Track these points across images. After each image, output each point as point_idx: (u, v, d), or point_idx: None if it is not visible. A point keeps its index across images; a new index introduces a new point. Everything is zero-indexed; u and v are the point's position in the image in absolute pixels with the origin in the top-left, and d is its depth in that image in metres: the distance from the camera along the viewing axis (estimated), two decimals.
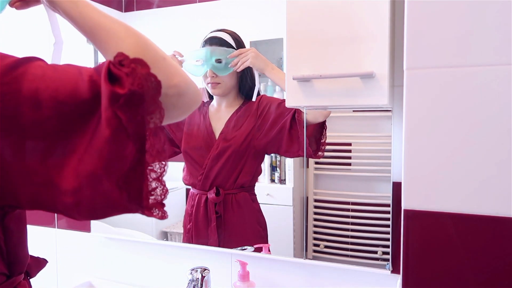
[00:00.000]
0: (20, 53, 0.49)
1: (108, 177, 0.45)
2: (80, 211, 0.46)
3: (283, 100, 1.12)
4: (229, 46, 1.16)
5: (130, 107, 0.45)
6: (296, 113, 1.08)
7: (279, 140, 1.12)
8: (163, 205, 0.48)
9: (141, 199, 0.46)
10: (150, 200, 0.47)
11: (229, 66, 1.14)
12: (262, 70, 1.13)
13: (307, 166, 1.10)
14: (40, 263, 0.64)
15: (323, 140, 1.07)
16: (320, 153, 1.08)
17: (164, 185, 0.48)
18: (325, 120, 1.05)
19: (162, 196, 0.48)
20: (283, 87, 1.08)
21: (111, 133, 0.44)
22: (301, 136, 1.06)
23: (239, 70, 1.15)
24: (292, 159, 1.15)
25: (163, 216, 0.48)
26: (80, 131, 0.46)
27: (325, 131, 1.06)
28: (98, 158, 0.45)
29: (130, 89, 0.45)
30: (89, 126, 0.46)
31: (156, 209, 0.48)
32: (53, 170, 0.46)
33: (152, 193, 0.47)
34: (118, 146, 0.45)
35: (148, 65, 0.48)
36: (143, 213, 0.47)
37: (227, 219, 1.18)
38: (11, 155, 0.45)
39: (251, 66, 1.13)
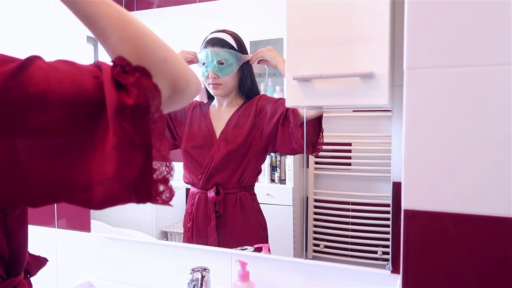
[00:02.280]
0: (17, 49, 0.47)
1: (118, 181, 0.46)
2: (92, 204, 0.48)
3: (280, 98, 1.13)
4: (231, 47, 1.16)
5: (135, 118, 0.46)
6: (288, 109, 1.09)
7: (273, 135, 1.13)
8: (169, 203, 0.51)
9: (150, 200, 0.49)
10: (158, 200, 0.49)
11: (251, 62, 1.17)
12: (275, 62, 1.13)
13: (307, 166, 1.10)
14: (40, 262, 0.63)
15: (321, 139, 1.07)
16: (317, 150, 1.08)
17: (171, 189, 0.50)
18: (321, 116, 1.06)
19: (169, 198, 0.50)
20: None
21: (118, 141, 0.46)
22: (293, 130, 1.08)
23: (254, 63, 1.17)
24: (292, 158, 1.15)
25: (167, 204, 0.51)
26: (89, 129, 0.47)
27: (321, 127, 1.07)
28: (108, 162, 0.46)
29: (136, 102, 0.46)
30: (99, 125, 0.47)
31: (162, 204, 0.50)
32: (62, 170, 0.46)
33: (161, 195, 0.49)
34: (126, 153, 0.46)
35: (150, 73, 0.48)
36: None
37: (227, 218, 1.18)
38: (17, 159, 0.44)
39: (264, 56, 1.14)
